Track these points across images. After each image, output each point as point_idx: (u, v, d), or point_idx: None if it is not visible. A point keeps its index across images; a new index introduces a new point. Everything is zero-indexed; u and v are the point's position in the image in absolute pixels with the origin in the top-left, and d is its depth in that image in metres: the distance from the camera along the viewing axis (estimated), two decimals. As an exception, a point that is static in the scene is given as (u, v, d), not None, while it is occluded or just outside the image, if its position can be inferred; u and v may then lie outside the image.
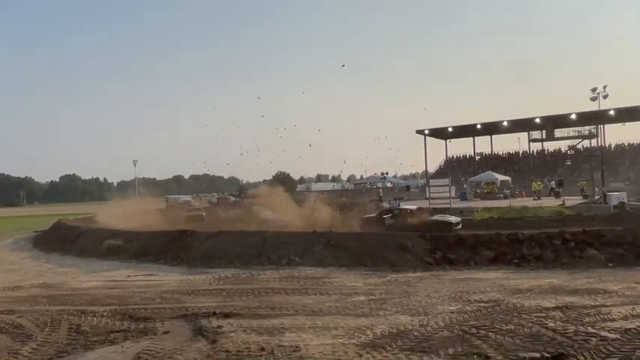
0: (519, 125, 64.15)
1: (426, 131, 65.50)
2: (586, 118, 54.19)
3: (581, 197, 34.80)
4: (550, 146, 67.57)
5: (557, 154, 66.67)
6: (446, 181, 38.12)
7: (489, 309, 7.16)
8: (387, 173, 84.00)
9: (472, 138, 71.29)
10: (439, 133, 68.95)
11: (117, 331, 6.72)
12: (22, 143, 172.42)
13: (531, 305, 7.28)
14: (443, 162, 74.15)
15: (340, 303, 7.99)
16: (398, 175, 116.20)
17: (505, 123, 62.90)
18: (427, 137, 66.67)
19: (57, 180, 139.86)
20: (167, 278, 11.26)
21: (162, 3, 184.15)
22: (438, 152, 75.70)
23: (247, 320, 7.05)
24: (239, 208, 32.54)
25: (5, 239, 23.81)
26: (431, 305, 7.57)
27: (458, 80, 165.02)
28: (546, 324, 6.23)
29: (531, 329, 6.04)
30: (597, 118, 49.29)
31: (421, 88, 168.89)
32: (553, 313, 6.75)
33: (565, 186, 40.68)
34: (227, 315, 7.32)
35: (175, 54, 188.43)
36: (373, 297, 8.36)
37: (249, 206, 28.19)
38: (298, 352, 5.52)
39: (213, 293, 9.25)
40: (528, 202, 32.96)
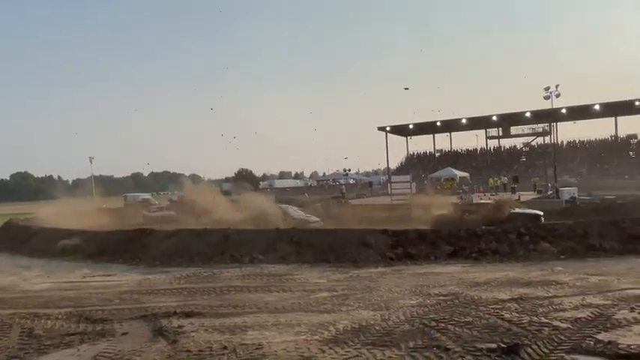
0: (477, 123, 65.90)
1: (388, 128, 66.29)
2: (540, 116, 56.20)
3: (535, 192, 36.07)
4: (506, 143, 69.79)
5: (512, 151, 68.88)
6: (407, 178, 38.76)
7: (448, 302, 7.34)
8: (350, 170, 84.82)
9: (432, 135, 72.74)
10: (400, 130, 69.97)
11: (72, 334, 6.50)
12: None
13: (488, 297, 7.50)
14: (404, 158, 75.36)
15: (303, 300, 8.00)
16: (360, 172, 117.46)
17: (464, 120, 64.47)
18: (389, 134, 67.45)
19: (7, 178, 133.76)
20: (125, 278, 10.98)
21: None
22: (400, 149, 76.87)
23: (209, 319, 6.96)
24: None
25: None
26: (392, 300, 7.69)
27: (419, 79, 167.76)
28: (502, 315, 6.43)
29: (488, 320, 6.22)
30: (550, 116, 51.08)
31: (384, 87, 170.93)
32: (509, 305, 6.98)
33: (520, 182, 42.05)
34: (188, 314, 7.20)
35: (136, 52, 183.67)
36: (336, 293, 8.41)
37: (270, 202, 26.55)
38: (261, 350, 5.50)
39: (173, 293, 9.09)
40: (485, 197, 33.88)
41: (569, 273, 9.31)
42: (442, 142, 74.03)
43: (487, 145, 70.38)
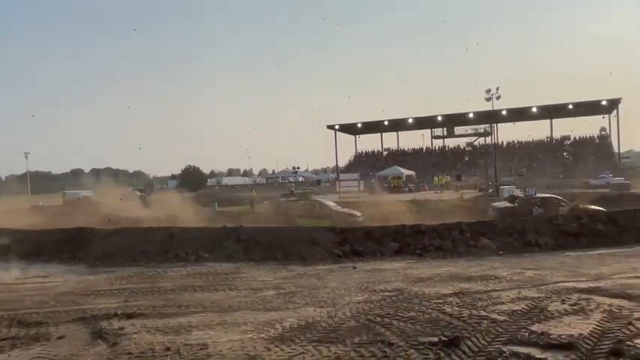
0: (423, 123, 67.70)
1: (337, 127, 66.85)
2: (482, 118, 58.43)
3: (477, 190, 37.47)
4: (450, 143, 72.18)
5: (456, 151, 71.26)
6: (355, 176, 39.35)
7: (393, 298, 7.49)
8: (299, 167, 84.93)
9: (380, 134, 74.00)
10: (349, 129, 70.72)
11: (3, 339, 6.13)
12: None
13: (431, 292, 7.72)
14: (353, 157, 76.23)
15: (250, 298, 7.94)
16: (309, 170, 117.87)
17: (410, 120, 66.03)
18: (338, 132, 68.01)
19: None
20: (63, 279, 10.48)
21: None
22: (349, 147, 77.75)
23: (152, 320, 6.76)
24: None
25: None
26: (339, 296, 7.77)
27: (365, 79, 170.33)
28: (444, 309, 6.64)
29: (431, 315, 6.40)
30: (491, 118, 53.21)
31: (334, 85, 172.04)
32: (450, 299, 7.21)
33: (463, 180, 43.57)
34: (130, 315, 6.97)
35: (77, 45, 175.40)
36: (283, 291, 8.40)
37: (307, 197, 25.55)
38: (206, 350, 5.41)
39: (114, 293, 8.76)
40: (430, 196, 34.93)
41: (506, 268, 9.73)
42: (390, 141, 75.53)
43: (432, 145, 72.47)
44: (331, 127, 65.96)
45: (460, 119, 63.14)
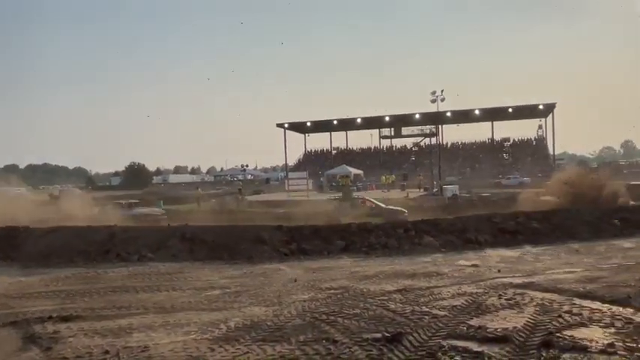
0: (371, 123, 68.69)
1: (286, 125, 66.66)
2: (428, 119, 59.98)
3: (421, 190, 38.48)
4: (398, 143, 73.67)
5: (403, 151, 72.80)
6: (304, 174, 39.36)
7: (339, 295, 7.57)
8: (248, 165, 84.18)
9: (329, 133, 74.44)
10: (299, 127, 70.69)
11: None
12: None
13: (376, 290, 7.86)
14: (302, 155, 76.27)
15: (194, 298, 7.79)
16: (258, 168, 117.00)
17: (359, 120, 66.82)
18: (287, 131, 67.83)
19: None
20: (-7, 281, 9.88)
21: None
22: (299, 146, 77.82)
23: (90, 323, 6.50)
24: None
25: None
26: (285, 295, 7.76)
27: (316, 78, 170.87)
28: (388, 306, 6.78)
29: (375, 312, 6.52)
30: (437, 119, 54.71)
31: (285, 84, 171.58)
32: (394, 296, 7.37)
33: (409, 179, 44.64)
34: (66, 318, 6.66)
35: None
36: (228, 290, 8.30)
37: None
38: (147, 352, 5.26)
39: (50, 295, 8.35)
40: (378, 194, 35.53)
41: (448, 264, 10.06)
42: (338, 140, 76.15)
43: (380, 144, 73.73)
44: (280, 126, 65.74)
45: (407, 120, 64.62)
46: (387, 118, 65.13)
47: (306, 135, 74.18)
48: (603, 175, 21.73)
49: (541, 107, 60.05)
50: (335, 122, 68.32)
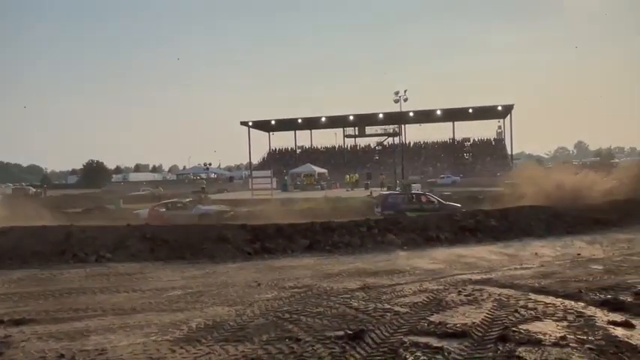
0: (335, 122, 68.99)
1: (250, 123, 66.15)
2: (391, 118, 60.71)
3: (384, 189, 38.93)
4: (362, 142, 74.24)
5: (367, 150, 73.45)
6: (268, 173, 39.13)
7: (302, 294, 7.58)
8: (211, 164, 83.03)
9: (294, 132, 74.33)
10: (263, 126, 70.27)
11: None
12: None
13: (339, 288, 7.91)
14: (266, 154, 75.85)
15: (155, 299, 7.63)
16: (222, 167, 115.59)
17: (323, 119, 66.99)
18: (251, 129, 67.31)
19: None
20: (-61, 285, 9.39)
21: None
22: (263, 144, 77.33)
23: (44, 326, 6.28)
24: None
25: None
26: (248, 294, 7.71)
27: (281, 76, 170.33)
28: (351, 304, 6.83)
29: (338, 310, 6.56)
30: (400, 119, 55.42)
31: (249, 82, 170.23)
32: (357, 294, 7.44)
33: (372, 178, 45.13)
34: (18, 322, 6.41)
35: None
36: (190, 290, 8.17)
37: None
38: (104, 355, 5.12)
39: (1, 298, 8.01)
40: (342, 193, 35.77)
41: (410, 262, 10.21)
42: (303, 139, 76.11)
43: (344, 143, 74.15)
44: (245, 124, 65.18)
45: (371, 119, 65.21)
46: (351, 118, 65.56)
47: (270, 133, 73.80)
48: None
49: (500, 108, 61.73)
50: (299, 121, 68.28)
